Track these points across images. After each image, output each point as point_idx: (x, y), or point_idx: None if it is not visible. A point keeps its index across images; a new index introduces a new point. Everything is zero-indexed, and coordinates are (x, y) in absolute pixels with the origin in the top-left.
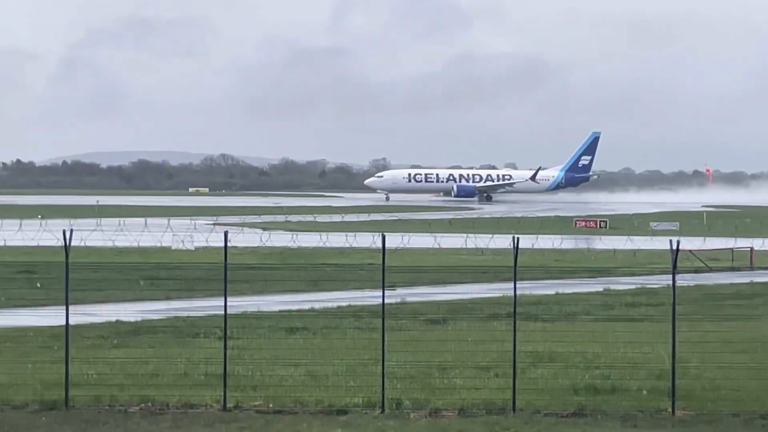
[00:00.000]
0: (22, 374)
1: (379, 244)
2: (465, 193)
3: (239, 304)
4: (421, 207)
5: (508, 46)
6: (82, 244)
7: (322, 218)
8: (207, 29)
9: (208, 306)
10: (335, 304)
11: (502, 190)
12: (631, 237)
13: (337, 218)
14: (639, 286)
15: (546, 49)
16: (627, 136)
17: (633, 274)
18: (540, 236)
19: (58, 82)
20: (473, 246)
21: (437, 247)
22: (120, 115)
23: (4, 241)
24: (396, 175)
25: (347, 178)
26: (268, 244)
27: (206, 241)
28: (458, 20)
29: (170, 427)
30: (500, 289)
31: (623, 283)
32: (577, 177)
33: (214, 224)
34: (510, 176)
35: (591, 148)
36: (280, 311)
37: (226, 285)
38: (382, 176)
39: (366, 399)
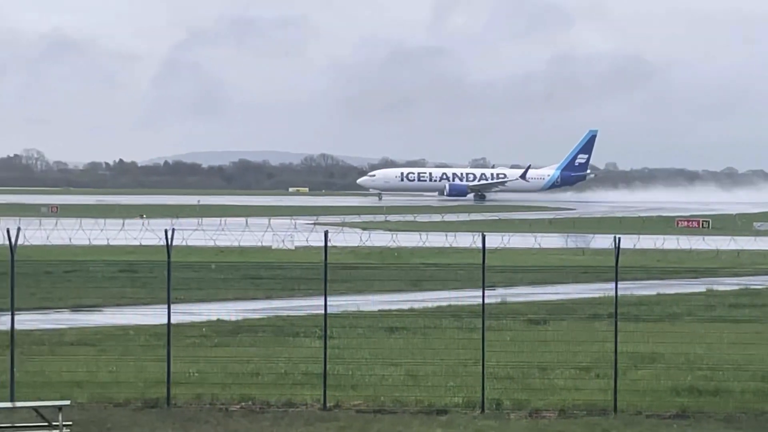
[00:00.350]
0: (125, 372)
1: (479, 244)
2: (457, 192)
3: (339, 303)
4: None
5: (609, 44)
6: (184, 243)
7: (421, 218)
8: (307, 29)
9: (308, 305)
10: (435, 304)
11: (497, 189)
12: (735, 237)
13: (437, 218)
14: (742, 287)
15: (647, 48)
16: (729, 135)
17: (736, 275)
18: (642, 236)
19: (160, 83)
20: (573, 246)
21: (537, 247)
22: (221, 115)
23: (107, 240)
24: (388, 174)
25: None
26: (368, 243)
27: (306, 240)
28: (559, 19)
29: (271, 425)
30: (601, 290)
31: (726, 284)
32: (573, 176)
33: (314, 224)
34: (504, 175)
35: (588, 146)
36: (379, 311)
37: (326, 284)
38: (374, 175)
39: (466, 399)
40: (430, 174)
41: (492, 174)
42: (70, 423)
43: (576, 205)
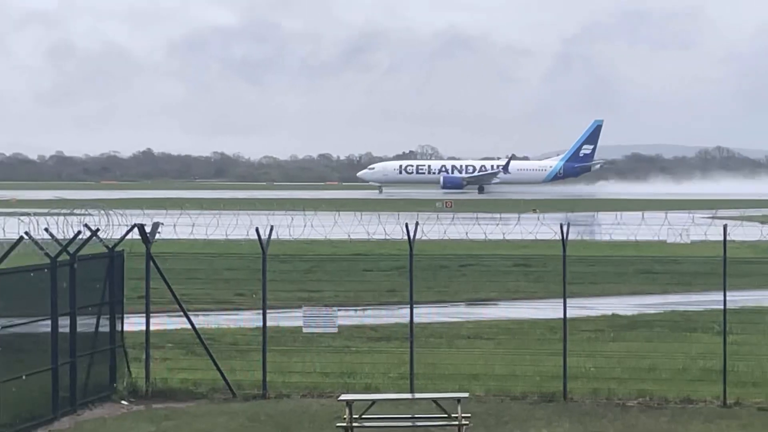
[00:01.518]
0: (521, 366)
1: None
2: (451, 184)
3: (738, 298)
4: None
5: None
6: (579, 237)
7: None
8: (701, 20)
9: (705, 300)
10: None
11: (497, 180)
12: None
13: None
14: None
15: None
16: None
17: None
18: None
19: (551, 78)
20: None
21: None
22: (613, 109)
23: (503, 234)
24: (387, 166)
25: None
26: None
27: (704, 234)
28: None
29: (669, 421)
30: None
31: None
32: (576, 167)
33: (713, 217)
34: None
35: (593, 137)
36: None
37: (725, 279)
38: (373, 168)
39: None
40: (429, 166)
41: (492, 166)
42: (468, 415)
43: None
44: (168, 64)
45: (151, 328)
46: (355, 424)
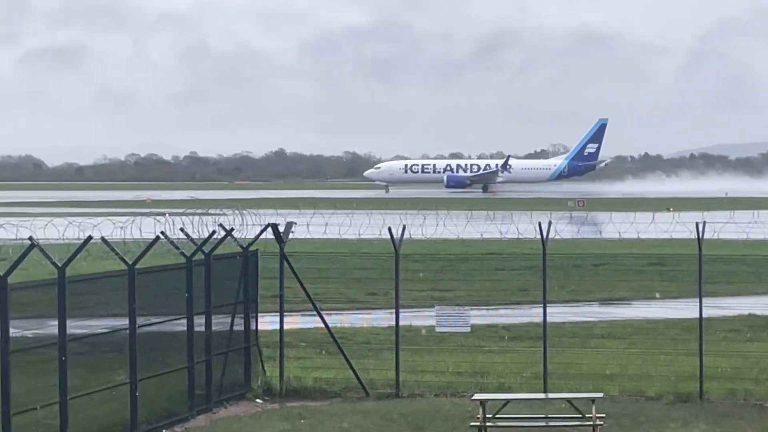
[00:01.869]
0: (656, 366)
1: None
2: (455, 183)
3: None
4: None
5: None
6: (714, 236)
7: None
8: None
9: None
10: None
11: (501, 179)
12: None
13: None
14: None
15: None
16: None
17: None
18: None
19: (686, 74)
20: None
21: None
22: (750, 106)
23: (638, 233)
24: (393, 166)
25: None
26: None
27: None
28: None
29: None
30: None
31: None
32: (581, 166)
33: None
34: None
35: (597, 135)
36: None
37: None
38: (380, 167)
39: None
40: (434, 166)
41: (497, 165)
42: (603, 415)
43: None
44: (299, 65)
45: (285, 327)
46: (488, 424)
